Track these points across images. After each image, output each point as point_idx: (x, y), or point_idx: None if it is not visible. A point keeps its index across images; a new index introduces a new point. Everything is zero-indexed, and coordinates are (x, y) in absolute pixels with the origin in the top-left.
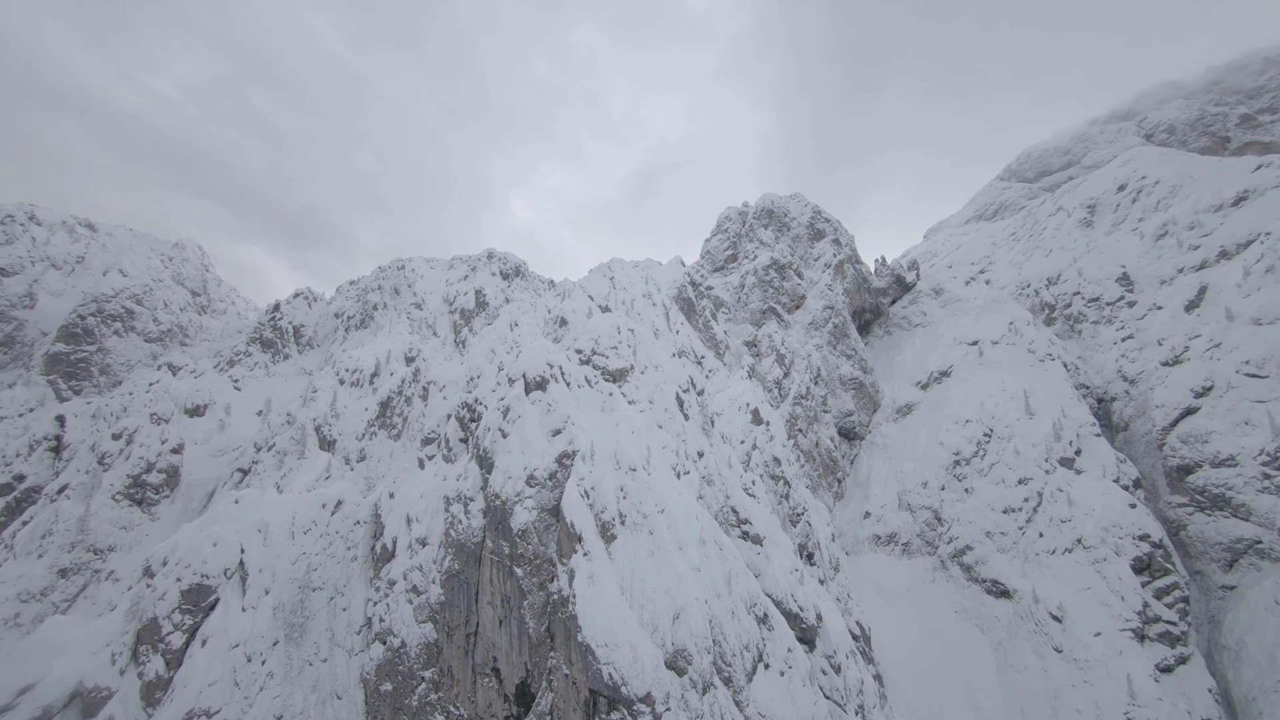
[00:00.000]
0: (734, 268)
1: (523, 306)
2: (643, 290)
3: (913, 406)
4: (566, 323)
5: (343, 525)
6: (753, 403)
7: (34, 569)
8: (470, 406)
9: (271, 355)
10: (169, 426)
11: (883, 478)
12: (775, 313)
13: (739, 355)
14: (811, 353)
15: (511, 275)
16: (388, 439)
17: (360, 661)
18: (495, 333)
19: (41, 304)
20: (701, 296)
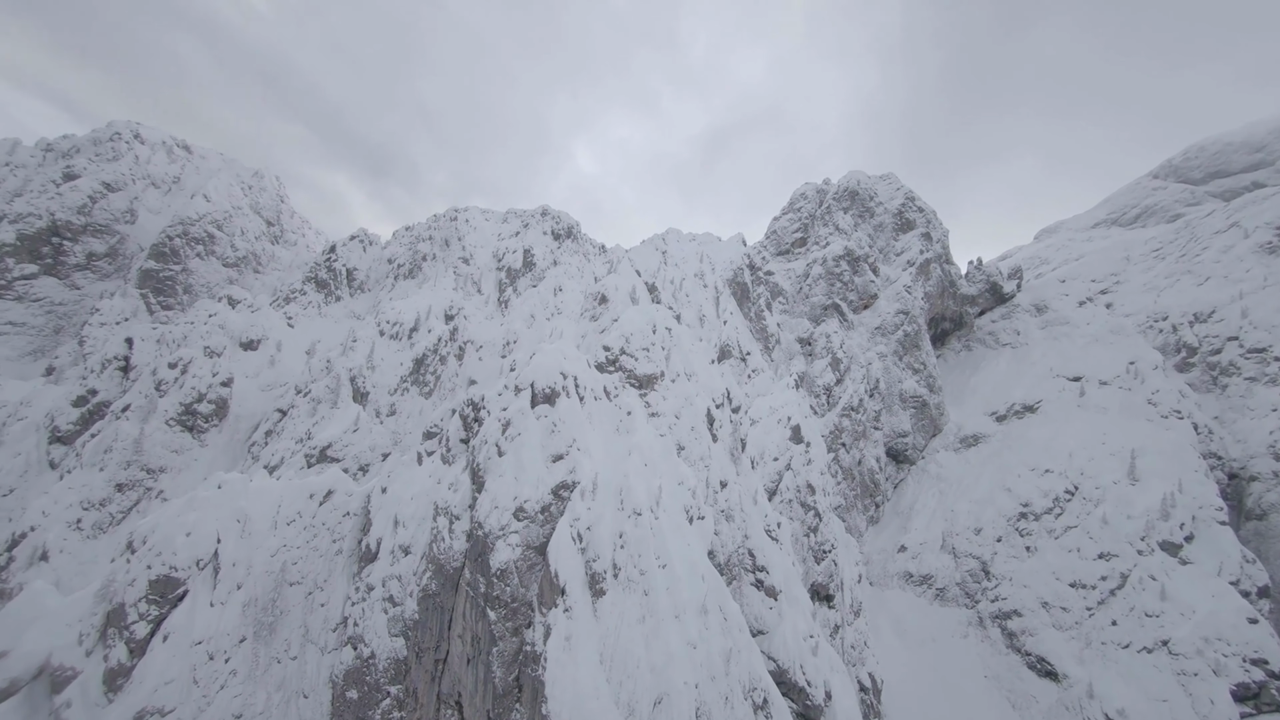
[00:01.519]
0: (800, 253)
1: (569, 271)
2: (695, 269)
3: (981, 439)
4: (606, 301)
5: (330, 517)
6: (795, 418)
7: (95, 480)
8: (475, 405)
9: (325, 296)
10: (221, 360)
11: (928, 511)
12: (839, 310)
13: (790, 353)
14: (873, 360)
15: (563, 236)
16: (419, 396)
17: (332, 661)
18: (538, 296)
19: (141, 220)
20: (759, 282)
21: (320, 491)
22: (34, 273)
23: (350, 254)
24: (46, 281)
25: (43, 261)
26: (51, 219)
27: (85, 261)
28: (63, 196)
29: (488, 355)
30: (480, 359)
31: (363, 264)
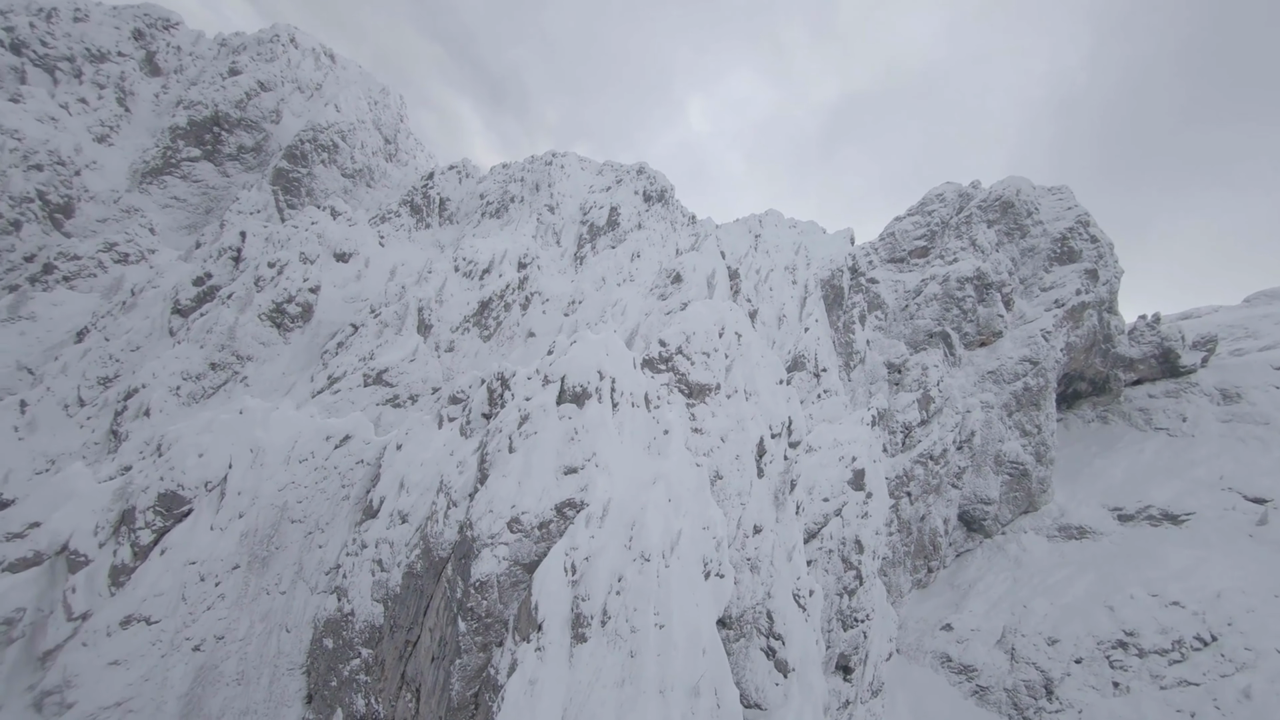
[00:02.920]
0: (918, 265)
1: (652, 238)
2: (788, 260)
3: (1089, 534)
4: (680, 280)
5: (343, 462)
6: (861, 460)
7: (195, 355)
8: (503, 381)
9: (416, 221)
10: (313, 267)
11: (992, 597)
12: (947, 341)
13: (873, 377)
14: (974, 409)
15: (654, 199)
16: (478, 338)
17: (319, 603)
18: (614, 259)
19: (284, 121)
20: (858, 289)
21: (338, 435)
22: (196, 156)
23: (446, 183)
24: (204, 166)
25: (204, 147)
26: (215, 109)
27: (236, 153)
28: (225, 90)
29: (551, 310)
30: (544, 312)
31: (456, 195)
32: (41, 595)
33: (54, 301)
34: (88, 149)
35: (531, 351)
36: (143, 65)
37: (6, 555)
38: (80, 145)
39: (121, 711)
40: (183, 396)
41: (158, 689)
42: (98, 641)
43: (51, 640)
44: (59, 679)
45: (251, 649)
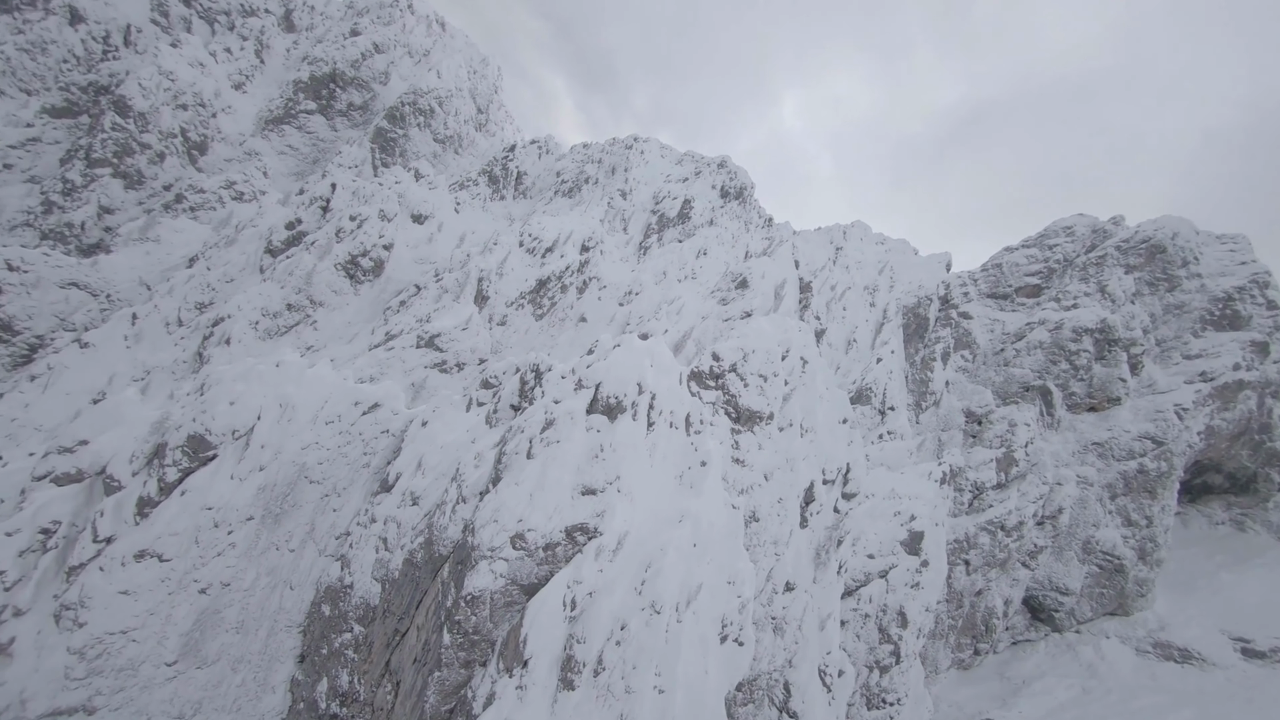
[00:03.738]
0: (1025, 305)
1: (722, 236)
2: (869, 280)
3: (1195, 661)
4: (746, 286)
5: (369, 429)
6: (921, 522)
7: (275, 294)
8: (538, 373)
9: (492, 192)
10: (390, 225)
11: (1052, 704)
12: (1047, 398)
13: (946, 423)
14: (1067, 481)
15: (731, 195)
16: (531, 316)
17: (324, 566)
18: (679, 254)
19: (390, 84)
20: (946, 322)
21: (367, 402)
22: (312, 109)
23: (526, 157)
24: (318, 119)
25: (320, 101)
26: (333, 67)
27: (346, 109)
28: (344, 49)
29: (607, 298)
30: (599, 299)
31: (534, 170)
32: (78, 512)
33: (177, 229)
34: (225, 94)
35: (580, 337)
36: (280, 22)
37: (56, 468)
38: (219, 90)
39: (125, 639)
40: (259, 331)
41: (161, 624)
42: (113, 569)
43: (77, 558)
44: (76, 596)
45: (254, 601)
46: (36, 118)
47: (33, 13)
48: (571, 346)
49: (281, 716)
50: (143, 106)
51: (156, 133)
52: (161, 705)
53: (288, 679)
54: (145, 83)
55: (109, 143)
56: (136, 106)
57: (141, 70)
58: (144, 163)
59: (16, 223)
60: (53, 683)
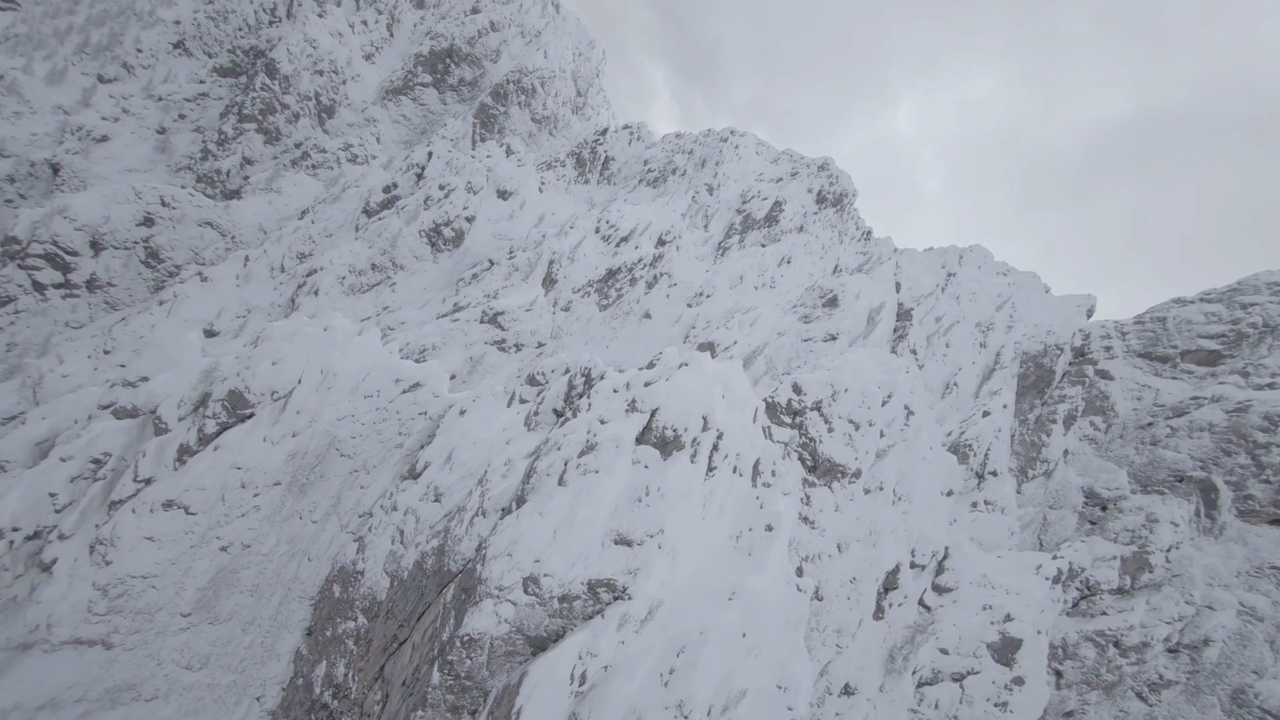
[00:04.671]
0: (1192, 373)
1: (811, 245)
2: (984, 316)
3: None
4: (836, 305)
5: (407, 409)
6: (1020, 627)
7: (362, 253)
8: (588, 379)
9: (578, 174)
10: (475, 198)
11: None
12: (1210, 496)
13: (1057, 499)
14: (1225, 607)
15: (828, 202)
16: (595, 305)
17: (344, 543)
18: (759, 259)
19: (500, 62)
20: (1077, 380)
21: (408, 380)
22: (427, 82)
23: (616, 142)
24: (430, 92)
25: (435, 75)
26: (451, 43)
27: (457, 84)
28: (463, 26)
29: (676, 297)
30: (668, 297)
31: (622, 156)
32: (128, 447)
33: (296, 182)
34: (356, 63)
35: (641, 334)
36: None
37: (118, 399)
38: (351, 59)
39: (145, 584)
40: (344, 286)
41: (181, 575)
42: (143, 513)
43: (119, 493)
44: (109, 533)
45: (272, 566)
46: (208, 75)
47: None
48: (630, 343)
49: (282, 686)
50: (288, 70)
51: (295, 95)
52: (172, 653)
53: (293, 650)
54: (292, 48)
55: (257, 101)
56: (283, 70)
57: (291, 37)
58: (282, 121)
59: (180, 165)
60: (77, 613)
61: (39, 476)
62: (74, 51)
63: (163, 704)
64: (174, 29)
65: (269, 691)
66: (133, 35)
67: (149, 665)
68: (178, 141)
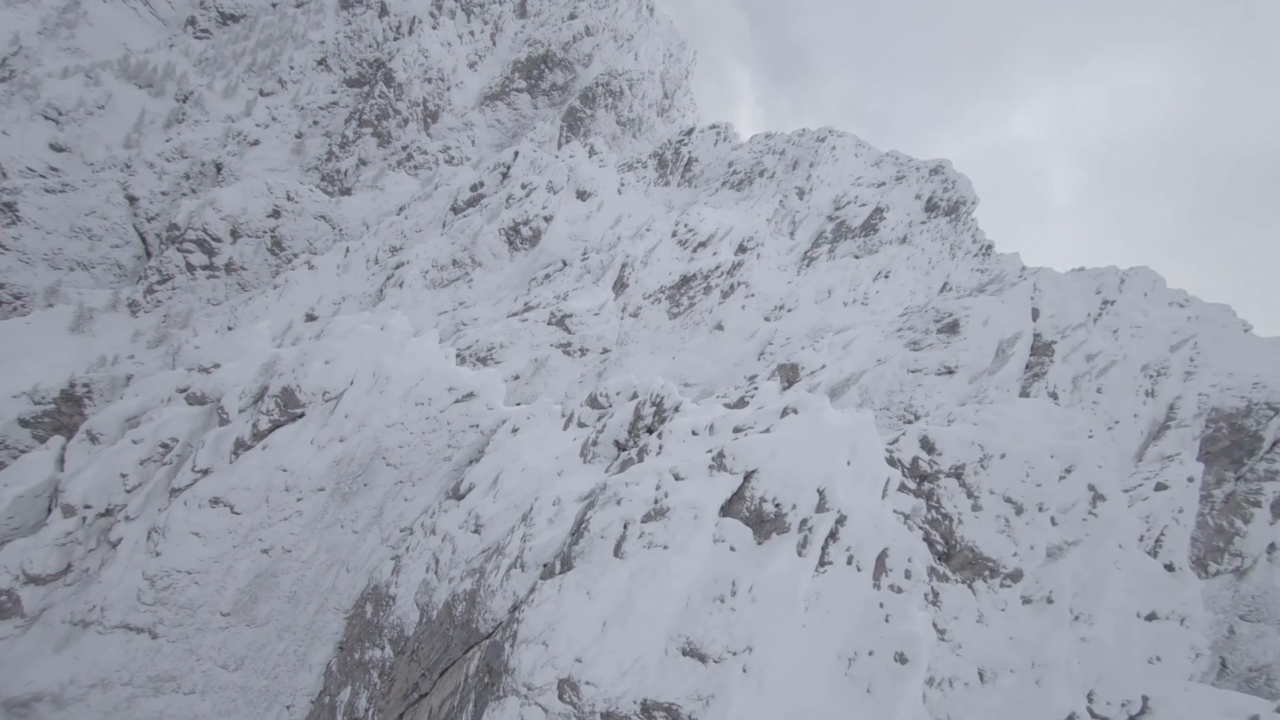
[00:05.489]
0: None
1: (915, 259)
2: (1152, 357)
3: None
4: (956, 333)
5: (459, 420)
6: None
7: (445, 249)
8: (659, 410)
9: (659, 176)
10: (555, 198)
11: None
12: None
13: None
14: None
15: (940, 210)
16: (665, 312)
17: (382, 557)
18: (851, 271)
19: (592, 66)
20: None
21: (461, 390)
22: (522, 88)
23: (701, 143)
24: (524, 97)
25: (530, 80)
26: (547, 48)
27: (548, 89)
28: (559, 32)
29: (752, 309)
30: (743, 308)
31: (706, 157)
32: (194, 434)
33: (397, 181)
34: (460, 71)
35: (712, 346)
36: (516, 8)
37: (192, 385)
38: (456, 68)
39: (189, 579)
40: (427, 280)
41: (223, 575)
42: (192, 508)
43: (178, 481)
44: (163, 522)
45: (310, 574)
46: (339, 86)
47: (359, 8)
48: (699, 355)
49: (311, 699)
50: (402, 79)
51: (407, 101)
52: (210, 651)
53: (325, 663)
54: (407, 59)
55: (374, 107)
56: (398, 78)
57: (407, 48)
58: (393, 126)
59: (310, 165)
60: (127, 599)
61: (113, 456)
62: (244, 70)
63: (199, 700)
64: (319, 48)
65: (298, 702)
66: (288, 55)
67: (189, 660)
68: (310, 145)
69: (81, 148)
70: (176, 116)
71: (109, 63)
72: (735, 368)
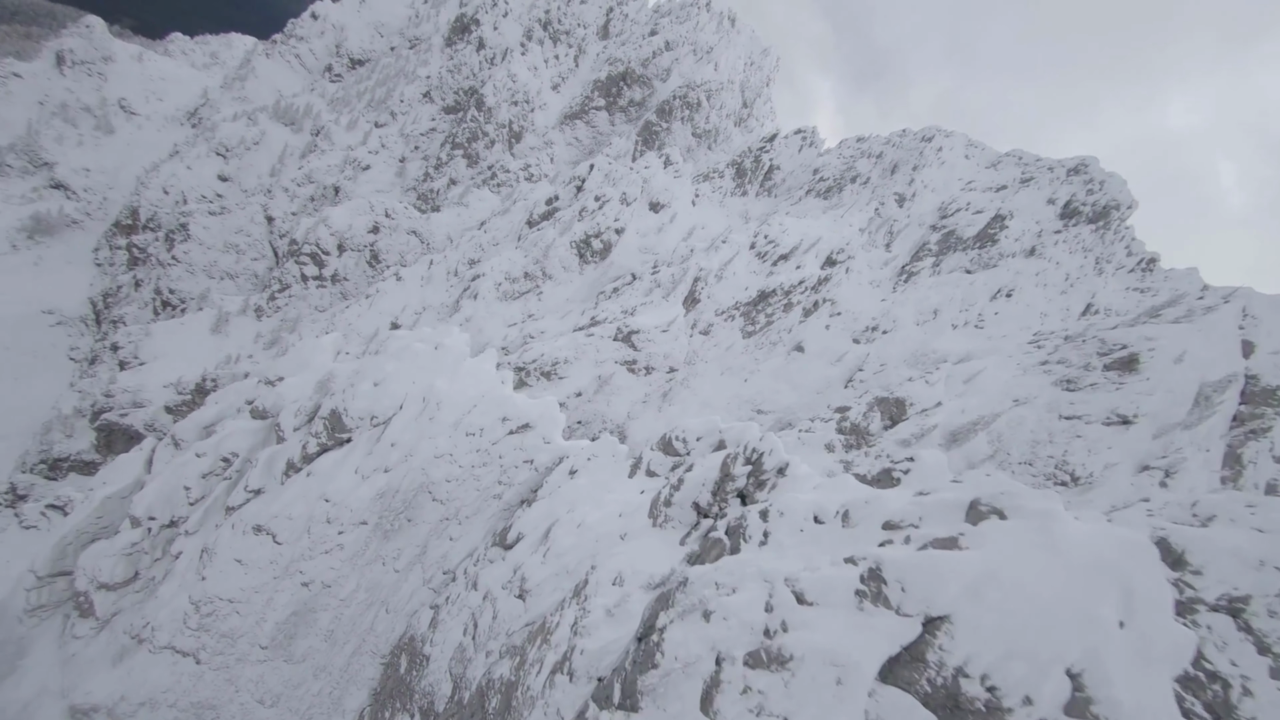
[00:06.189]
0: None
1: (1048, 275)
2: None
3: None
4: (1134, 370)
5: (512, 454)
6: None
7: (518, 261)
8: (758, 474)
9: (736, 186)
10: (627, 210)
11: None
12: None
13: None
14: None
15: (1082, 217)
16: (736, 329)
17: (421, 602)
18: (964, 288)
19: (669, 80)
20: None
21: (516, 420)
22: (600, 106)
23: (784, 150)
24: (601, 115)
25: (608, 98)
26: (626, 66)
27: (626, 105)
28: (639, 49)
29: (838, 329)
30: (827, 328)
31: (789, 165)
32: (253, 450)
33: (480, 198)
34: (544, 94)
35: (790, 369)
36: (599, 31)
37: (258, 398)
38: (541, 90)
39: (231, 608)
40: (499, 292)
41: (262, 607)
42: (237, 533)
43: (232, 500)
44: (212, 543)
45: (348, 613)
46: (438, 114)
47: (461, 44)
48: (774, 379)
49: None
50: (491, 103)
51: (494, 124)
52: (249, 684)
53: (358, 710)
54: (497, 84)
55: (465, 131)
56: (488, 102)
57: (497, 74)
58: (481, 147)
59: (409, 186)
60: (174, 621)
61: (179, 468)
62: (364, 106)
63: None
64: (425, 82)
65: None
66: (399, 90)
67: (228, 690)
68: (410, 168)
69: (240, 177)
70: (310, 148)
71: (265, 106)
72: (817, 395)
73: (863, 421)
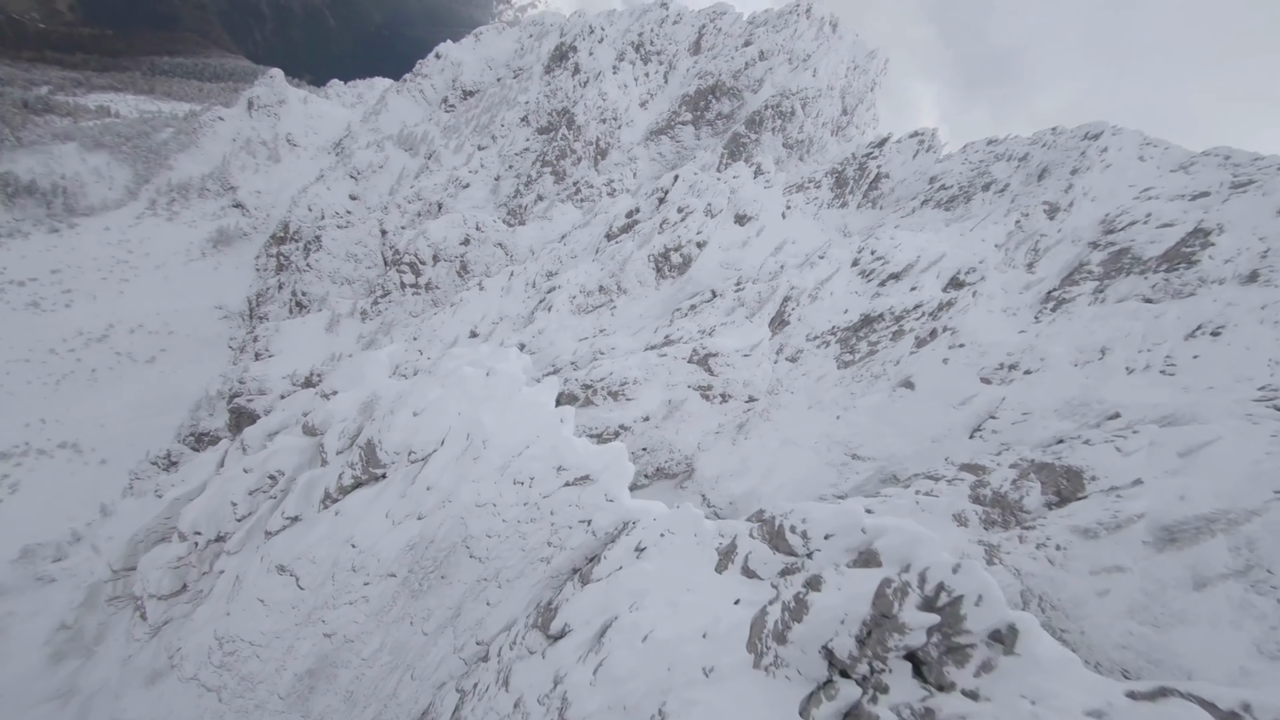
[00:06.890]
0: None
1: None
2: None
3: None
4: None
5: (565, 511)
6: None
7: (594, 274)
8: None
9: (834, 196)
10: (711, 222)
11: None
12: None
13: None
14: None
15: None
16: (831, 357)
17: (449, 673)
18: (1145, 321)
19: (761, 91)
20: None
21: (575, 472)
22: (687, 120)
23: (896, 155)
24: (687, 130)
25: (695, 112)
26: (717, 79)
27: (713, 119)
28: (730, 61)
29: (959, 362)
30: (945, 362)
31: (900, 173)
32: (299, 469)
33: (563, 212)
34: (631, 111)
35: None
36: (691, 46)
37: (311, 413)
38: (629, 106)
39: (252, 651)
40: (573, 305)
41: (283, 653)
42: (263, 568)
43: (270, 524)
44: (243, 572)
45: (370, 674)
46: (531, 135)
47: (558, 70)
48: (874, 418)
49: None
50: (581, 121)
51: (582, 141)
52: None
53: None
54: (588, 103)
55: (555, 149)
56: (578, 120)
57: (589, 94)
58: (569, 164)
59: (501, 202)
60: (200, 653)
61: (225, 484)
62: (470, 131)
63: None
64: (524, 107)
65: None
66: (500, 116)
67: None
68: (504, 185)
69: (365, 196)
70: (422, 169)
71: (391, 135)
72: (933, 444)
73: (1012, 492)
